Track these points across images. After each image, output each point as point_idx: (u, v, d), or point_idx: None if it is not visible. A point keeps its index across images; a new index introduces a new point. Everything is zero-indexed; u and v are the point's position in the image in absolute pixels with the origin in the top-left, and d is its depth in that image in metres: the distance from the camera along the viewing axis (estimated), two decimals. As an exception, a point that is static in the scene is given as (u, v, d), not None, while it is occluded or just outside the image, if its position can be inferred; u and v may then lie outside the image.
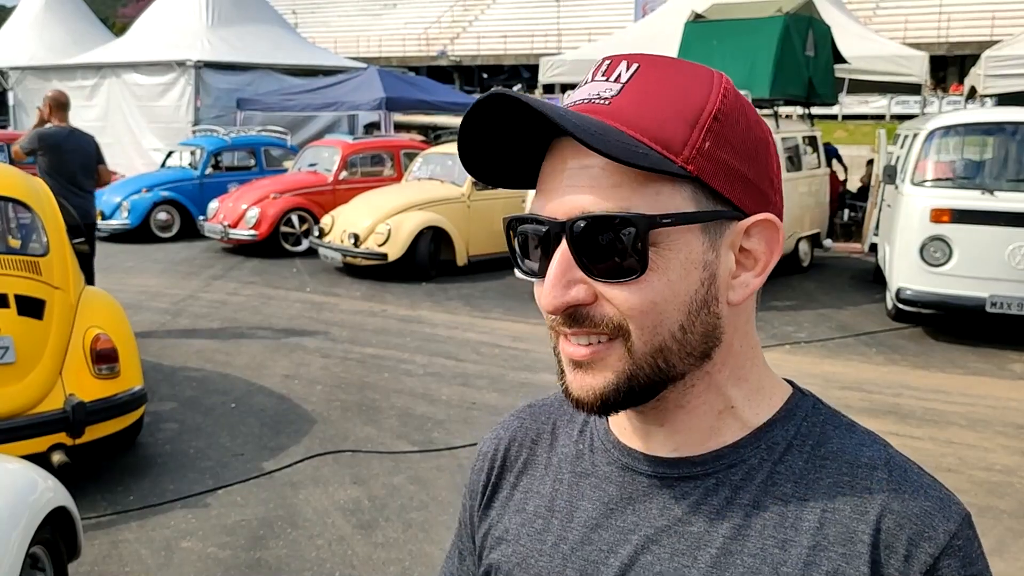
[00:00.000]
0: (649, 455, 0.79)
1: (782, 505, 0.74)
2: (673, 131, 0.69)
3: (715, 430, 0.77)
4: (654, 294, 0.70)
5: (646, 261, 0.69)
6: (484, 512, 0.90)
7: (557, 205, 0.71)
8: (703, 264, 0.71)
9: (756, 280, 0.74)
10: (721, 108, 0.71)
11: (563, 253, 0.70)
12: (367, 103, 15.05)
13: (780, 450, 0.76)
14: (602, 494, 0.80)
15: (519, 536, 0.84)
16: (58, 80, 18.18)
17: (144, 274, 10.03)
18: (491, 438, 0.94)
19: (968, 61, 24.63)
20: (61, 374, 4.31)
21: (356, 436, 5.16)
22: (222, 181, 12.83)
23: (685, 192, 0.70)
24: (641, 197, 0.69)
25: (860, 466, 0.74)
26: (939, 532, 0.70)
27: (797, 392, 0.80)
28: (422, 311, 8.31)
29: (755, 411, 0.78)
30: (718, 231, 0.72)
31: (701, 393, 0.76)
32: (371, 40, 44.92)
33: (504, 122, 0.72)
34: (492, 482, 0.90)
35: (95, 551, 3.78)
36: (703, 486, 0.76)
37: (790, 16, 9.10)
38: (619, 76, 0.72)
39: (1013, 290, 6.65)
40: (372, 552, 3.82)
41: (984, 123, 7.57)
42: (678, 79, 0.72)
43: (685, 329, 0.71)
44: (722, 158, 0.70)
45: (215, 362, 6.60)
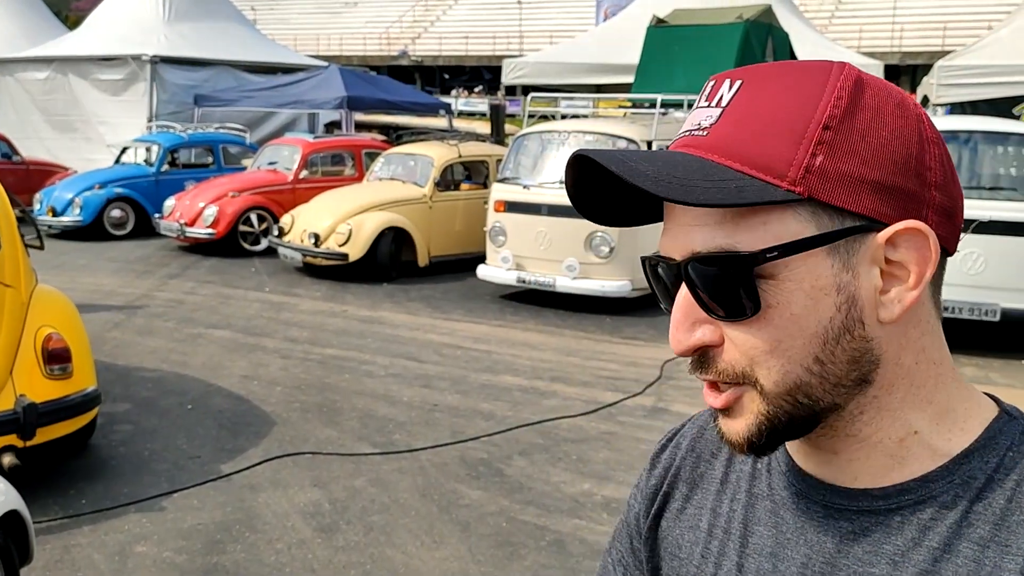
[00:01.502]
0: (826, 483, 0.72)
1: (979, 551, 0.65)
2: (775, 152, 0.64)
3: (899, 459, 0.69)
4: (778, 332, 0.65)
5: (757, 300, 0.65)
6: (655, 520, 0.86)
7: (672, 244, 0.68)
8: (836, 288, 0.65)
9: (911, 294, 0.66)
10: (834, 113, 0.64)
11: (684, 295, 0.68)
12: (328, 102, 14.93)
13: (978, 485, 0.67)
14: (778, 520, 0.75)
15: (692, 555, 0.81)
16: (11, 74, 17.76)
17: (97, 273, 9.83)
18: (672, 445, 0.89)
19: (920, 70, 25.18)
20: (12, 374, 4.20)
21: (316, 438, 5.10)
22: (179, 178, 12.62)
23: (801, 215, 0.64)
24: (747, 231, 0.64)
25: None
26: None
27: (1003, 414, 0.71)
28: (383, 312, 8.25)
29: (946, 437, 0.69)
30: (851, 249, 0.65)
31: (872, 420, 0.69)
32: (331, 38, 44.56)
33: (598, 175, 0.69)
34: (664, 491, 0.86)
35: (47, 556, 3.69)
36: (886, 523, 0.69)
37: (750, 23, 9.23)
38: (720, 99, 0.67)
39: (964, 295, 6.81)
40: (333, 556, 3.78)
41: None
42: (782, 89, 0.66)
43: (822, 361, 0.66)
44: (840, 170, 0.63)
45: (171, 362, 6.49)
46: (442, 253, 10.02)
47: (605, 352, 7.01)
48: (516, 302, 8.65)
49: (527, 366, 6.58)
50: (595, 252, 8.02)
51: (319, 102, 15.18)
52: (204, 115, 15.94)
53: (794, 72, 0.67)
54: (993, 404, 0.72)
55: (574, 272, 8.06)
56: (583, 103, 14.53)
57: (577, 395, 5.92)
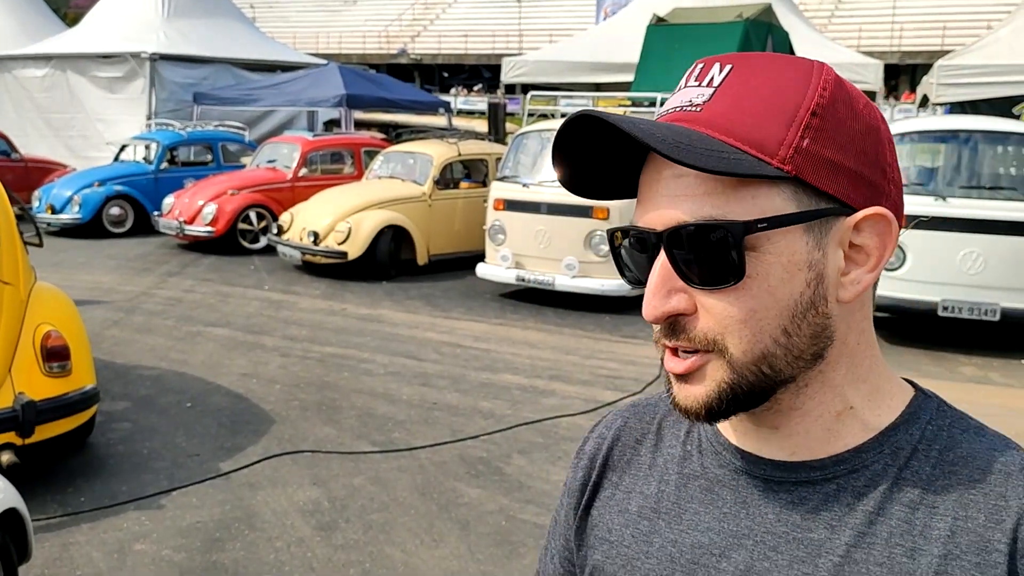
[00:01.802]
0: (765, 458, 0.77)
1: (909, 512, 0.71)
2: (768, 132, 0.68)
3: (834, 432, 0.74)
4: (753, 301, 0.69)
5: (743, 268, 0.68)
6: (585, 512, 0.88)
7: (655, 216, 0.71)
8: (808, 264, 0.70)
9: (869, 276, 0.72)
10: (820, 102, 0.69)
11: (663, 263, 0.70)
12: (328, 100, 14.91)
13: (905, 455, 0.73)
14: (714, 497, 0.79)
15: (623, 537, 0.83)
16: (10, 71, 17.73)
17: (96, 270, 9.82)
18: (594, 436, 0.92)
19: (919, 70, 25.18)
20: (10, 372, 4.19)
21: (315, 436, 5.10)
22: (178, 176, 12.60)
23: (785, 193, 0.68)
24: (737, 202, 0.68)
25: (993, 472, 0.71)
26: None
27: (920, 393, 0.78)
28: (382, 310, 8.24)
29: (876, 412, 0.75)
30: (823, 229, 0.70)
31: (815, 394, 0.74)
32: (331, 37, 44.51)
33: (595, 140, 0.72)
34: (593, 481, 0.88)
35: (45, 554, 3.68)
36: (823, 491, 0.74)
37: (750, 21, 9.23)
38: (711, 79, 0.71)
39: (964, 295, 6.81)
40: (332, 554, 3.78)
41: (937, 131, 7.72)
42: (773, 76, 0.70)
43: (790, 333, 0.70)
44: (823, 154, 0.68)
45: (170, 360, 6.48)
46: (441, 252, 10.01)
47: (604, 351, 7.00)
48: (515, 301, 8.65)
49: (526, 364, 6.58)
50: (594, 251, 8.02)
51: (318, 100, 15.16)
52: (203, 113, 15.92)
53: (781, 62, 0.72)
54: (909, 386, 0.79)
55: (573, 271, 8.06)
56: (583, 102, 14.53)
57: (576, 394, 5.92)
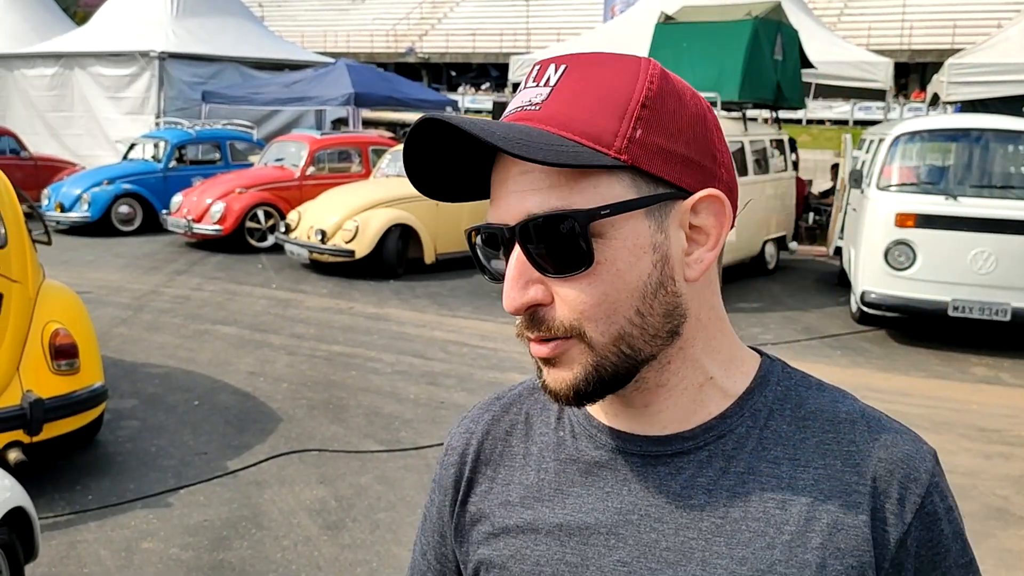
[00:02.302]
0: (640, 435, 0.80)
1: (775, 467, 0.77)
2: (602, 125, 0.71)
3: (698, 403, 0.79)
4: (605, 286, 0.72)
5: (591, 254, 0.71)
6: (461, 508, 0.88)
7: (506, 211, 0.74)
8: (652, 247, 0.73)
9: (710, 255, 0.76)
10: (648, 95, 0.73)
11: (518, 256, 0.73)
12: (335, 98, 14.91)
13: (764, 416, 0.79)
14: (595, 479, 0.81)
15: (508, 528, 0.84)
16: (19, 69, 17.79)
17: (105, 268, 9.84)
18: (460, 432, 0.92)
19: (930, 68, 25.08)
20: (19, 370, 4.20)
21: (322, 435, 5.10)
22: (186, 175, 12.62)
23: (624, 181, 0.72)
24: (580, 193, 0.71)
25: (841, 422, 0.78)
26: (921, 472, 0.76)
27: (765, 358, 0.83)
28: (389, 309, 8.24)
29: (733, 380, 0.80)
30: (663, 213, 0.74)
31: (678, 369, 0.78)
32: (339, 35, 44.54)
33: (446, 143, 0.75)
34: (467, 477, 0.89)
35: (53, 552, 3.69)
36: (696, 459, 0.78)
37: (759, 20, 9.17)
38: (548, 80, 0.74)
39: (975, 294, 6.77)
40: (339, 553, 3.77)
41: (948, 129, 7.68)
42: (604, 73, 0.74)
43: (643, 313, 0.73)
44: (655, 143, 0.72)
45: (178, 359, 6.49)
46: (449, 250, 10.00)
47: (612, 350, 6.98)
48: (523, 300, 8.62)
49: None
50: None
51: (326, 99, 15.16)
52: (211, 111, 15.94)
53: (611, 60, 0.75)
54: (756, 353, 0.84)
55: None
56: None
57: (584, 393, 5.90)
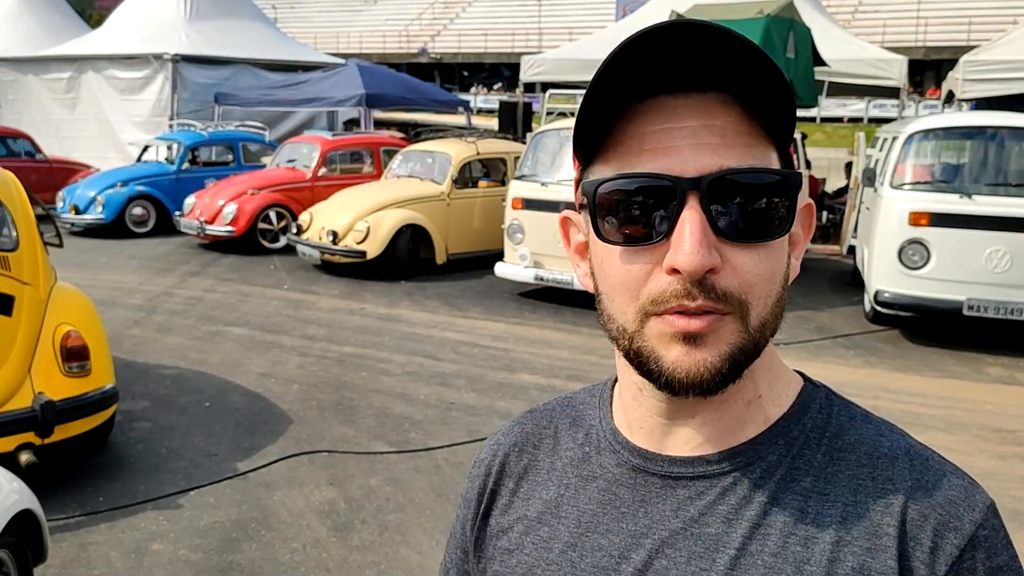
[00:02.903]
0: (663, 455, 0.75)
1: (802, 501, 0.71)
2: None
3: (741, 422, 0.74)
4: (775, 262, 0.68)
5: (792, 220, 0.68)
6: (483, 521, 0.85)
7: (681, 163, 0.65)
8: (788, 237, 0.71)
9: (796, 263, 0.73)
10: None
11: (698, 212, 0.65)
12: (347, 99, 14.94)
13: (798, 445, 0.73)
14: (612, 497, 0.77)
15: (523, 544, 0.80)
16: (34, 73, 17.92)
17: (118, 270, 9.89)
18: (491, 444, 0.90)
19: (945, 65, 24.87)
20: (30, 372, 4.21)
21: (332, 436, 5.10)
22: (199, 176, 12.67)
23: (772, 156, 0.70)
24: (766, 158, 0.68)
25: (880, 457, 0.71)
26: (964, 522, 0.68)
27: (808, 383, 0.78)
28: (401, 310, 8.24)
29: (776, 402, 0.75)
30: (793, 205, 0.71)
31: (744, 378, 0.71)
32: (351, 36, 44.65)
33: (657, 63, 0.66)
34: (491, 489, 0.85)
35: (63, 553, 3.70)
36: (720, 485, 0.73)
37: (771, 18, 9.12)
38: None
39: (990, 293, 6.69)
40: (347, 555, 3.77)
41: (963, 127, 7.60)
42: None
43: (780, 301, 0.70)
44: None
45: (190, 360, 6.51)
46: (460, 251, 10.00)
47: (623, 350, 6.95)
48: (534, 300, 8.61)
49: (544, 364, 6.54)
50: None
51: (338, 100, 15.19)
52: (224, 113, 16.01)
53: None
54: (799, 376, 0.79)
55: (592, 270, 8.00)
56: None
57: (595, 394, 5.87)
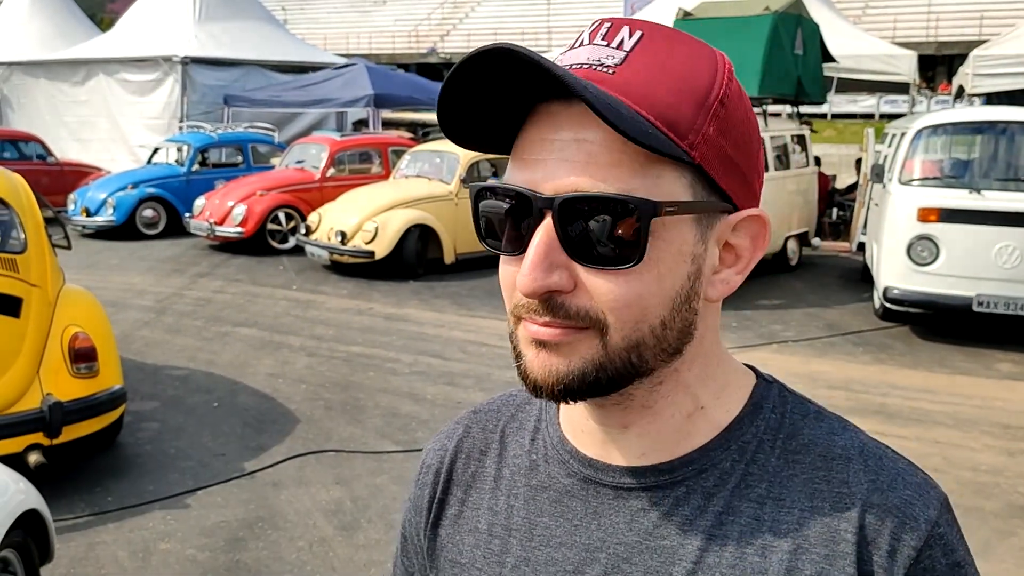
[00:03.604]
0: (613, 465, 0.72)
1: (757, 508, 0.69)
2: (681, 112, 0.64)
3: (684, 433, 0.71)
4: (642, 287, 0.64)
5: (644, 250, 0.63)
6: (433, 531, 0.82)
7: (543, 178, 0.64)
8: (692, 257, 0.66)
9: (737, 278, 0.70)
10: (726, 92, 0.66)
11: (548, 232, 0.63)
12: (356, 100, 14.98)
13: (752, 448, 0.70)
14: (564, 509, 0.74)
15: (474, 559, 0.78)
16: (45, 76, 18.04)
17: (129, 272, 9.94)
18: (435, 449, 0.86)
19: (957, 60, 24.71)
20: (38, 373, 4.25)
21: (340, 436, 5.11)
22: (209, 178, 12.74)
23: (685, 179, 0.65)
24: (642, 180, 0.63)
25: (835, 458, 0.69)
26: (920, 522, 0.67)
27: (761, 380, 0.75)
28: (409, 309, 8.26)
29: (725, 408, 0.72)
30: (710, 223, 0.67)
31: (668, 393, 0.70)
32: (360, 37, 44.74)
33: (494, 81, 0.64)
34: (439, 498, 0.82)
35: (71, 553, 3.73)
36: (673, 495, 0.70)
37: (779, 14, 9.08)
38: (621, 43, 0.66)
39: (1000, 289, 6.65)
40: (353, 554, 3.78)
41: (971, 122, 7.56)
42: (684, 54, 0.66)
43: (665, 325, 0.66)
44: (723, 146, 0.65)
45: (199, 361, 6.54)
46: (468, 250, 10.00)
47: (631, 349, 6.94)
48: (542, 299, 8.60)
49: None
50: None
51: (346, 101, 15.23)
52: (234, 115, 16.08)
53: (687, 40, 0.68)
54: (750, 373, 0.76)
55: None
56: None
57: (602, 392, 5.87)
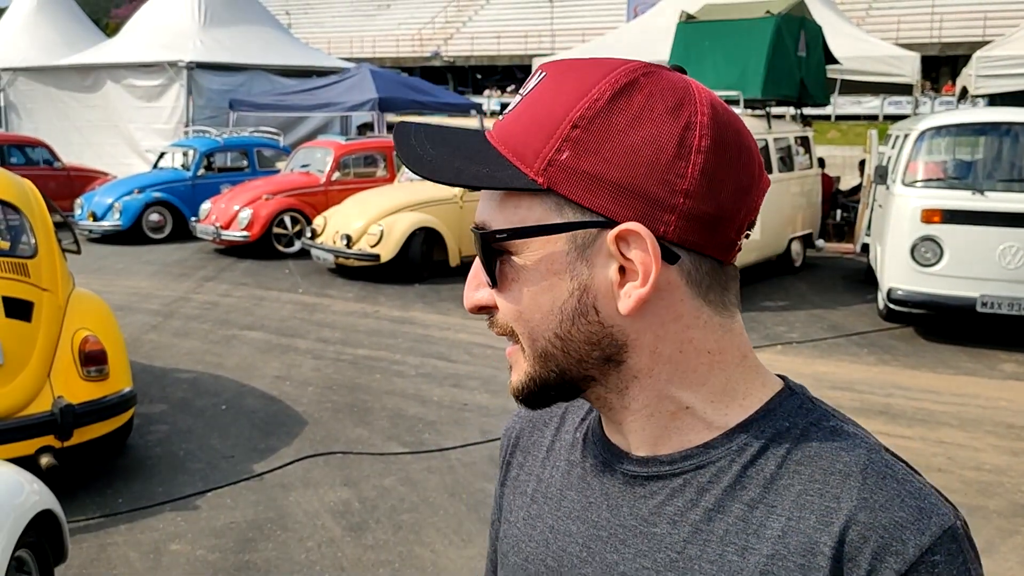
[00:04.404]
0: (625, 452, 0.78)
1: (747, 510, 0.70)
2: (529, 144, 0.69)
3: (674, 430, 0.74)
4: (519, 304, 0.73)
5: (493, 274, 0.74)
6: (502, 488, 0.94)
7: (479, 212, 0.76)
8: (570, 275, 0.70)
9: (640, 291, 0.69)
10: (585, 114, 0.67)
11: (478, 257, 0.76)
12: (361, 104, 15.03)
13: (752, 452, 0.72)
14: (586, 487, 0.81)
15: (517, 519, 0.87)
16: (51, 82, 18.14)
17: (135, 276, 10.00)
18: (515, 416, 0.97)
19: (961, 61, 24.69)
20: (49, 376, 4.29)
21: (347, 437, 5.15)
22: (215, 182, 12.80)
23: (547, 204, 0.69)
24: (502, 211, 0.72)
25: (834, 473, 0.69)
26: (908, 546, 0.65)
27: (786, 390, 0.76)
28: (414, 312, 8.30)
29: (722, 412, 0.74)
30: (587, 242, 0.69)
31: (638, 396, 0.74)
32: (364, 41, 44.85)
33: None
34: (507, 460, 0.94)
35: (83, 554, 3.77)
36: (670, 486, 0.74)
37: (782, 17, 9.12)
38: (527, 86, 0.73)
39: (1003, 290, 6.67)
40: (362, 554, 3.82)
41: (974, 123, 7.58)
42: (561, 86, 0.70)
43: (561, 337, 0.72)
44: (581, 167, 0.67)
45: (206, 364, 6.58)
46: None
47: (636, 350, 6.97)
48: (547, 301, 8.63)
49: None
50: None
51: (351, 104, 15.29)
52: (239, 119, 16.14)
53: (582, 69, 0.70)
54: (779, 382, 0.77)
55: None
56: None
57: (607, 394, 5.90)
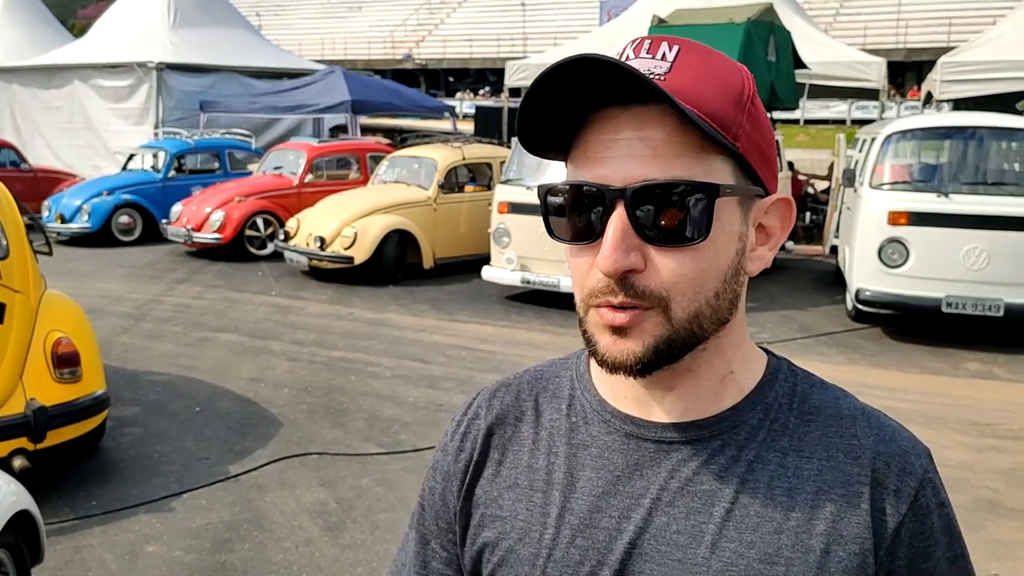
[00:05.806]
0: (654, 422, 0.83)
1: (782, 457, 0.81)
2: (724, 109, 0.75)
3: (717, 394, 0.83)
4: (703, 262, 0.75)
5: (709, 228, 0.74)
6: (468, 492, 0.89)
7: (612, 172, 0.74)
8: (739, 236, 0.78)
9: (769, 254, 0.82)
10: (752, 92, 0.78)
11: (621, 219, 0.74)
12: (333, 106, 14.97)
13: (774, 409, 0.83)
14: (606, 463, 0.83)
15: (516, 512, 0.86)
16: (17, 82, 17.87)
17: (106, 278, 9.90)
18: (469, 417, 0.93)
19: (926, 66, 25.11)
20: (22, 378, 4.25)
21: (323, 439, 5.15)
22: (185, 184, 12.69)
23: (728, 168, 0.76)
24: (700, 168, 0.74)
25: (843, 417, 0.83)
26: (916, 467, 0.81)
27: (772, 356, 0.88)
28: (389, 314, 8.30)
29: (748, 375, 0.84)
30: (749, 206, 0.79)
31: (710, 358, 0.81)
32: (336, 43, 44.65)
33: (564, 92, 0.75)
34: (476, 461, 0.90)
35: (58, 557, 3.74)
36: (710, 447, 0.81)
37: (752, 22, 9.23)
38: (664, 55, 0.76)
39: (967, 291, 6.82)
40: (339, 554, 3.83)
41: (939, 127, 7.74)
42: (716, 62, 0.78)
43: (719, 295, 0.77)
44: (755, 139, 0.77)
45: (179, 366, 6.54)
46: (447, 255, 10.06)
47: (609, 351, 7.02)
48: (521, 303, 8.69)
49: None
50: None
51: (324, 107, 15.22)
52: (210, 121, 16.00)
53: (714, 53, 0.79)
54: (763, 351, 0.89)
55: (578, 272, 8.07)
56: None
57: (581, 394, 5.94)
